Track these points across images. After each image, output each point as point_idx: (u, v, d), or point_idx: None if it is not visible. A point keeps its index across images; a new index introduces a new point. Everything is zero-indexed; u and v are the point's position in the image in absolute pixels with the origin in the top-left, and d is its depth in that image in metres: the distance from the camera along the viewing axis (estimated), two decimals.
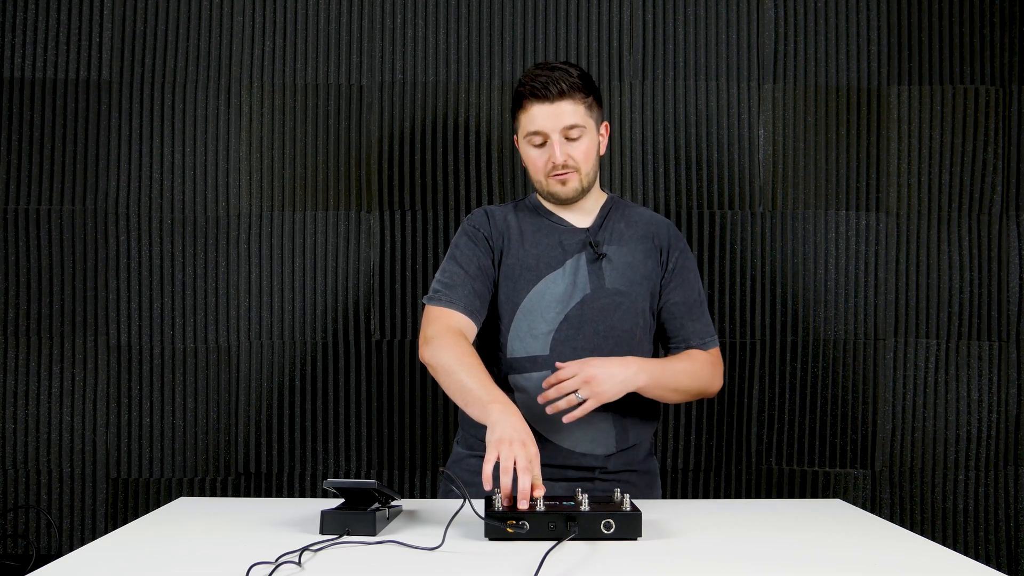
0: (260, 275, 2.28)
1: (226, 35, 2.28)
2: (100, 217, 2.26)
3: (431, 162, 2.29)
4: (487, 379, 1.49)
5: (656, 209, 2.29)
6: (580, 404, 1.52)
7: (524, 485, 1.28)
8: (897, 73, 2.29)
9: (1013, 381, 2.27)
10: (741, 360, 2.29)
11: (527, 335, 1.65)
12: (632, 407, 1.65)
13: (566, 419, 1.52)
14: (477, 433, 1.68)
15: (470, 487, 1.62)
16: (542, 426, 1.60)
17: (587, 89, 1.64)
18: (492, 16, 2.30)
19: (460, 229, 1.74)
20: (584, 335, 1.64)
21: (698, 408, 2.29)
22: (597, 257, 1.68)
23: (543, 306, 1.65)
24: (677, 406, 2.28)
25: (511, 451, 1.31)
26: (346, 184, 2.29)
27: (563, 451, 1.63)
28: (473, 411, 1.47)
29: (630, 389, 1.57)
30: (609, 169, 2.30)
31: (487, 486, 1.30)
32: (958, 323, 2.28)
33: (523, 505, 1.26)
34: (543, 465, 1.58)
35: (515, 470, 1.30)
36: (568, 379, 1.52)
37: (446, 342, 1.55)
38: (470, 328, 1.62)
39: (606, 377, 1.53)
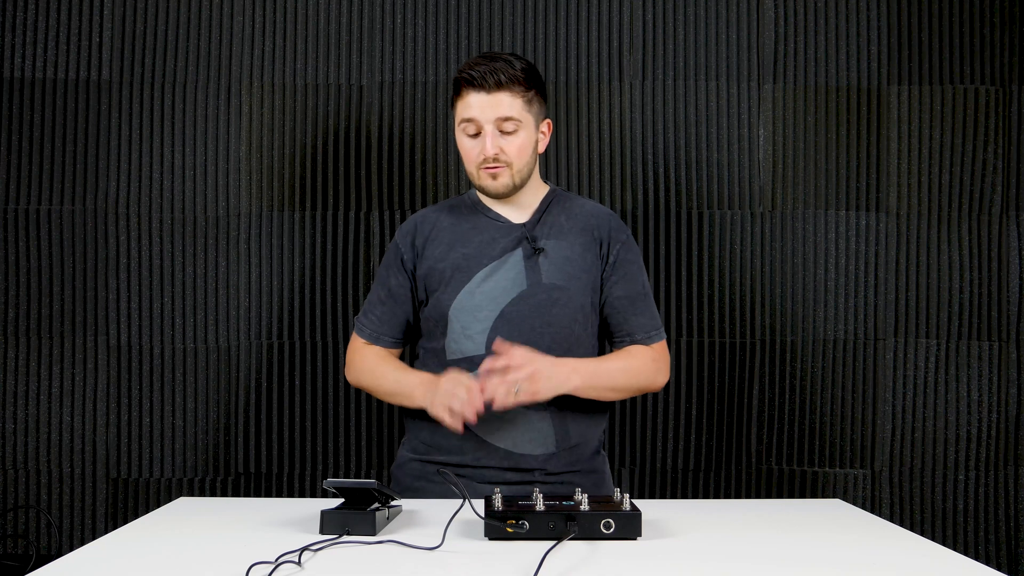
0: (260, 275, 2.28)
1: (226, 35, 2.28)
2: (100, 217, 2.26)
3: (431, 162, 2.29)
4: (401, 373, 1.65)
5: (657, 209, 2.29)
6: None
7: (479, 404, 1.47)
8: (897, 73, 2.29)
9: (1013, 381, 2.27)
10: (741, 360, 2.29)
11: (461, 336, 1.62)
12: (572, 404, 1.61)
13: (496, 406, 1.50)
14: (420, 436, 1.68)
15: (414, 492, 1.64)
16: (479, 428, 1.58)
17: (528, 83, 1.60)
18: (492, 16, 2.30)
19: (391, 244, 1.75)
20: (520, 331, 1.60)
21: (698, 408, 2.29)
22: (534, 252, 1.64)
23: (474, 305, 1.62)
24: (676, 405, 2.28)
25: (448, 401, 1.48)
26: (346, 184, 2.29)
27: (500, 451, 1.60)
28: (408, 406, 1.64)
29: (563, 391, 1.55)
30: (610, 169, 2.30)
31: (458, 428, 1.50)
32: (958, 323, 2.28)
33: (508, 400, 1.47)
34: (482, 467, 1.61)
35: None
36: (516, 370, 1.48)
37: (357, 360, 1.73)
38: (390, 351, 1.75)
39: (545, 377, 1.51)
